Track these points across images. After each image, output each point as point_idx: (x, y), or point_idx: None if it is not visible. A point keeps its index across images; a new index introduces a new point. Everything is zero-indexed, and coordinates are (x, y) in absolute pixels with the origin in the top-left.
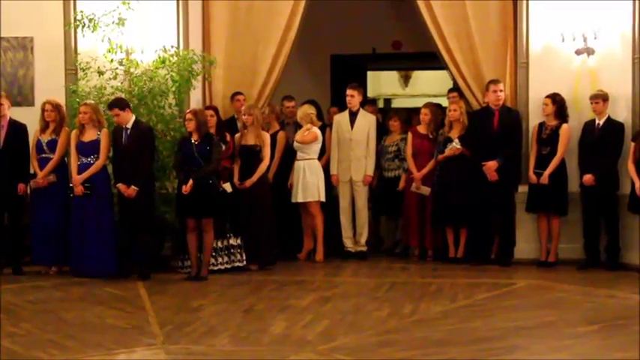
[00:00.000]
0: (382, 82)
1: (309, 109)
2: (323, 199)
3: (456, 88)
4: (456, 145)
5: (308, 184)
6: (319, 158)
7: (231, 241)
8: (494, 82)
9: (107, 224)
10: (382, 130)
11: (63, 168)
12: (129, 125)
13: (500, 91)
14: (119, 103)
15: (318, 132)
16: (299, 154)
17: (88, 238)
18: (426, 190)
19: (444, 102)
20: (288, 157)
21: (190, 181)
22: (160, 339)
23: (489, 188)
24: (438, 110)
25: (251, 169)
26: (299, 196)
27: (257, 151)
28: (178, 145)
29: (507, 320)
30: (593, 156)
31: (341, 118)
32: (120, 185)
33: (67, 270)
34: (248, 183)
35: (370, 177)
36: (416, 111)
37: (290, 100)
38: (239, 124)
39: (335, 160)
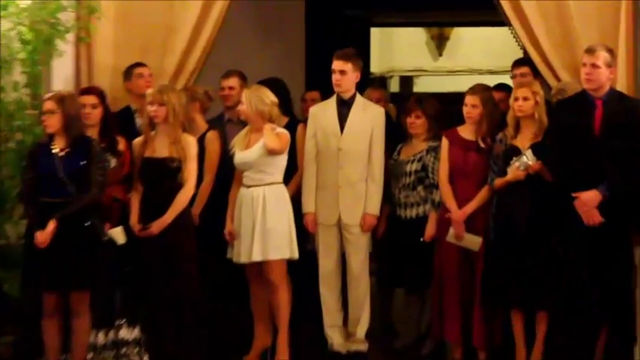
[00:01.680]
0: (397, 49)
1: (264, 96)
2: (295, 255)
3: (526, 60)
4: (527, 160)
5: (268, 228)
6: (285, 182)
7: (124, 333)
8: (588, 50)
9: None
10: (396, 134)
11: None
12: None
13: (594, 65)
14: None
15: (287, 135)
16: (248, 176)
17: None
18: (474, 243)
19: (506, 83)
20: (224, 179)
21: (51, 224)
22: None
23: (588, 240)
24: (494, 98)
25: (162, 201)
26: (253, 252)
27: (173, 168)
28: (29, 157)
29: None
30: None
31: (323, 112)
32: None
33: None
34: (156, 227)
35: (374, 218)
36: (456, 100)
37: (230, 77)
38: (140, 121)
39: (311, 187)
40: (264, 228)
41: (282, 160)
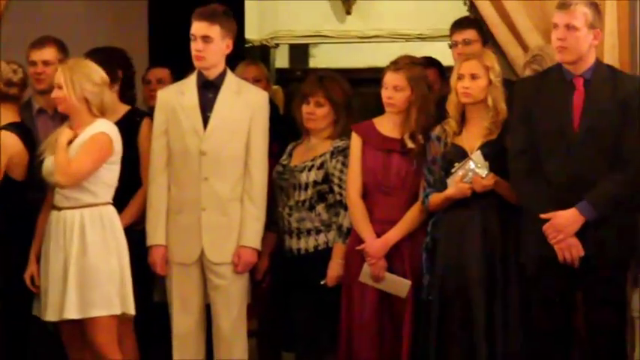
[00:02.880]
0: (285, 5)
1: (93, 74)
2: (129, 310)
3: (471, 20)
4: (475, 167)
5: (89, 270)
6: (118, 203)
7: None
8: (561, 5)
9: None
10: (285, 129)
11: None
12: None
13: (569, 26)
14: None
15: (110, 131)
16: (60, 194)
17: None
18: (399, 287)
19: (443, 55)
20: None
21: None
22: None
23: (565, 282)
24: (427, 77)
25: None
26: (66, 306)
27: None
28: None
29: None
30: None
31: (177, 98)
32: None
33: None
34: None
35: (253, 253)
36: (371, 79)
37: (44, 47)
38: None
39: (159, 209)
40: (82, 269)
41: (111, 172)
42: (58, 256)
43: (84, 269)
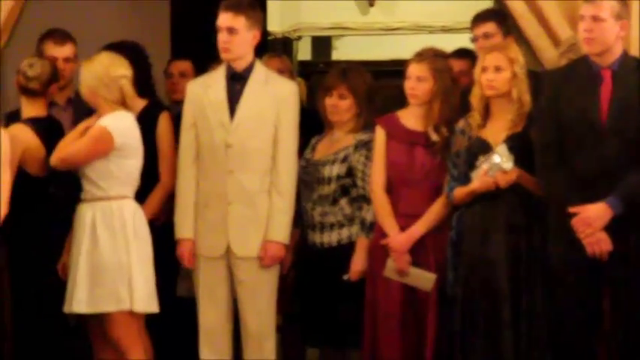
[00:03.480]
0: None
1: (103, 68)
2: (137, 306)
3: (493, 12)
4: (499, 161)
5: (99, 264)
6: (140, 197)
7: None
8: None
9: None
10: (308, 122)
11: None
12: None
13: (596, 18)
14: None
15: (113, 125)
16: (87, 188)
17: None
18: (424, 281)
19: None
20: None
21: None
22: None
23: (594, 280)
24: (451, 69)
25: None
26: (75, 299)
27: None
28: None
29: None
30: None
31: (205, 90)
32: None
33: None
34: None
35: (280, 248)
36: (395, 71)
37: (65, 44)
38: None
39: (187, 202)
40: (91, 264)
41: (121, 166)
42: (74, 248)
43: (93, 263)
